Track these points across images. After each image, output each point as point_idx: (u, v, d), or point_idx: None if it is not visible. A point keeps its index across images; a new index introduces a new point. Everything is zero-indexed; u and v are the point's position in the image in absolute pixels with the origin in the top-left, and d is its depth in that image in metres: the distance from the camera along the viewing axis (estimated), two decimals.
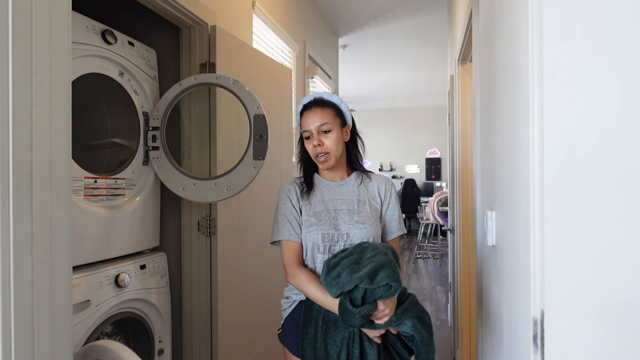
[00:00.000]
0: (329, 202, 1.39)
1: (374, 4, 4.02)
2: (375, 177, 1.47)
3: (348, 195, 1.40)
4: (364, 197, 1.40)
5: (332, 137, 1.35)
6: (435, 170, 9.49)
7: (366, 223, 1.34)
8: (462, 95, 2.60)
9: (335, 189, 1.42)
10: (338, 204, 1.38)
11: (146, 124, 1.88)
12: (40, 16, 0.81)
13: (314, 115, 1.36)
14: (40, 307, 0.80)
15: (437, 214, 5.94)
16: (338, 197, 1.40)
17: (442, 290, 4.77)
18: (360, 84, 7.42)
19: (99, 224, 1.62)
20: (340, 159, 1.41)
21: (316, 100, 1.40)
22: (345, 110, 1.42)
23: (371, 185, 1.44)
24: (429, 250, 6.99)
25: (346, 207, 1.37)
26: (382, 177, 1.48)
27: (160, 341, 1.87)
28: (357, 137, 1.48)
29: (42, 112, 0.81)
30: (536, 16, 0.73)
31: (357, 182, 1.43)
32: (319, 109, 1.37)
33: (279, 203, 1.43)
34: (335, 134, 1.36)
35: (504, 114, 1.07)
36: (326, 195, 1.40)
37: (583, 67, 0.69)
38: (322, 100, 1.40)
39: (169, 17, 1.87)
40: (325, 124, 1.35)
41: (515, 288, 0.91)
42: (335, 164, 1.39)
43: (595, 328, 0.68)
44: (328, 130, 1.35)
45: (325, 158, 1.36)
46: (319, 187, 1.43)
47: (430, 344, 1.25)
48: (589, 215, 0.68)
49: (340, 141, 1.38)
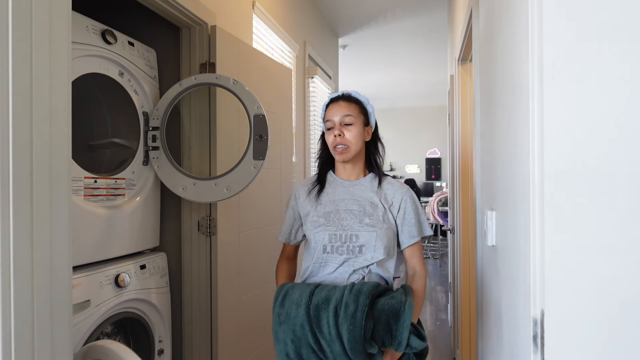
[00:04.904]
0: (340, 202, 1.37)
1: (374, 4, 4.02)
2: (393, 183, 1.43)
3: (361, 196, 1.38)
4: (376, 200, 1.36)
5: (353, 131, 1.36)
6: (435, 170, 9.49)
7: (376, 227, 1.32)
8: (462, 95, 2.60)
9: (349, 188, 1.40)
10: (350, 204, 1.36)
11: (146, 124, 1.88)
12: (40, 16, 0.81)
13: (339, 106, 1.38)
14: (40, 307, 0.80)
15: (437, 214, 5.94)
16: (350, 197, 1.38)
17: (442, 290, 4.76)
18: (360, 84, 7.41)
19: (99, 224, 1.62)
20: (358, 157, 1.41)
21: (344, 95, 1.43)
22: (370, 111, 1.43)
23: (387, 190, 1.39)
24: (429, 250, 6.99)
25: (357, 207, 1.35)
26: (399, 183, 1.43)
27: (160, 341, 1.87)
28: (379, 140, 1.48)
29: (42, 112, 0.81)
30: (536, 16, 0.73)
31: (372, 184, 1.40)
32: (345, 102, 1.39)
33: (288, 202, 1.53)
34: (357, 128, 1.36)
35: (504, 114, 1.07)
36: (339, 194, 1.40)
37: (583, 67, 0.69)
38: (350, 96, 1.42)
39: (169, 17, 1.87)
40: (348, 116, 1.36)
41: (515, 288, 0.91)
42: (353, 161, 1.40)
43: (595, 328, 0.68)
44: (350, 124, 1.36)
45: (343, 150, 1.36)
46: (332, 186, 1.43)
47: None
48: (589, 214, 0.68)
49: (360, 137, 1.38)
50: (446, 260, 6.21)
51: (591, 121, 0.68)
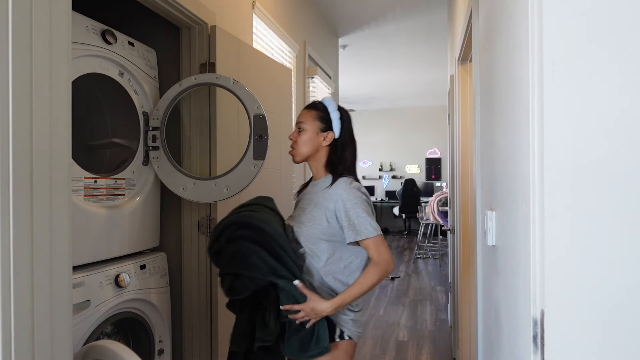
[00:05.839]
0: (303, 199, 1.54)
1: (374, 4, 4.02)
2: (340, 186, 1.44)
3: (314, 195, 1.49)
4: (319, 200, 1.45)
5: (303, 136, 1.49)
6: (435, 170, 9.49)
7: (305, 224, 1.44)
8: (462, 95, 2.60)
9: (312, 187, 1.54)
10: (305, 202, 1.51)
11: (146, 124, 1.88)
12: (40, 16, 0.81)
13: (300, 114, 1.54)
14: (40, 307, 0.80)
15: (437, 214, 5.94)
16: (308, 195, 1.53)
17: (442, 290, 4.77)
18: (360, 84, 7.42)
19: (99, 224, 1.62)
20: (315, 159, 1.52)
21: (312, 103, 1.56)
22: (333, 118, 1.49)
23: (331, 194, 1.43)
24: (429, 250, 6.99)
25: (306, 205, 1.49)
26: (342, 188, 1.43)
27: (160, 341, 1.87)
28: (345, 147, 1.50)
29: (42, 111, 0.81)
30: (536, 16, 0.73)
31: (324, 185, 1.48)
32: (306, 110, 1.53)
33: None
34: (307, 134, 1.49)
35: (504, 114, 1.07)
36: (307, 192, 1.56)
37: (583, 67, 0.69)
38: (313, 104, 1.54)
39: (169, 17, 1.87)
40: (301, 123, 1.50)
41: (515, 288, 0.91)
42: (311, 163, 1.53)
43: (595, 328, 0.68)
44: (302, 129, 1.49)
45: (291, 151, 1.53)
46: (310, 184, 1.57)
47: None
48: (589, 214, 0.68)
49: (310, 142, 1.49)
50: (446, 260, 6.21)
51: (591, 121, 0.68)
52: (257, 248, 1.36)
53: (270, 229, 1.38)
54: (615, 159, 0.67)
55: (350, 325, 1.44)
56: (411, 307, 4.18)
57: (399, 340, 3.35)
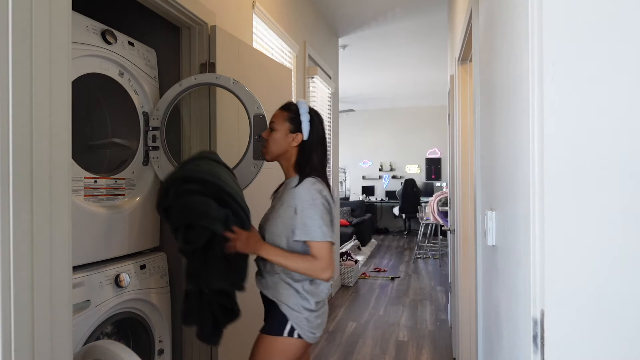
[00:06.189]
0: (275, 199, 1.61)
1: (374, 4, 4.02)
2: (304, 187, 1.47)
3: (284, 194, 1.54)
4: (285, 199, 1.50)
5: (273, 136, 1.54)
6: (435, 170, 9.48)
7: (270, 221, 1.52)
8: (462, 95, 2.60)
9: (282, 187, 1.61)
10: (276, 200, 1.58)
11: (146, 124, 1.88)
12: (40, 16, 0.81)
13: (274, 114, 1.58)
14: (40, 307, 0.80)
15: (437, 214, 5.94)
16: (279, 195, 1.58)
17: (442, 290, 4.77)
18: (360, 84, 7.42)
19: (99, 224, 1.62)
20: (284, 159, 1.57)
21: (285, 104, 1.60)
22: (303, 121, 1.53)
23: (294, 193, 1.46)
24: (429, 250, 6.99)
25: (277, 204, 1.55)
26: (303, 185, 1.47)
27: (160, 341, 1.87)
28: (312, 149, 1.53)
29: (42, 112, 0.81)
30: (536, 16, 0.73)
31: (292, 184, 1.51)
32: (279, 111, 1.57)
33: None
34: (278, 134, 1.53)
35: (504, 114, 1.07)
36: (279, 192, 1.61)
37: (583, 67, 0.69)
38: (288, 106, 1.58)
39: (169, 17, 1.87)
40: (272, 123, 1.56)
41: (515, 288, 0.91)
42: (281, 163, 1.58)
43: (595, 328, 0.68)
44: (273, 129, 1.55)
45: (262, 150, 1.60)
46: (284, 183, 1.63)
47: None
48: (589, 214, 0.68)
49: (280, 141, 1.53)
50: (446, 260, 6.21)
51: (591, 121, 0.68)
52: (205, 199, 1.45)
53: (215, 179, 1.47)
54: (615, 159, 0.67)
55: (304, 324, 1.44)
56: (411, 307, 4.18)
57: (399, 340, 3.35)
